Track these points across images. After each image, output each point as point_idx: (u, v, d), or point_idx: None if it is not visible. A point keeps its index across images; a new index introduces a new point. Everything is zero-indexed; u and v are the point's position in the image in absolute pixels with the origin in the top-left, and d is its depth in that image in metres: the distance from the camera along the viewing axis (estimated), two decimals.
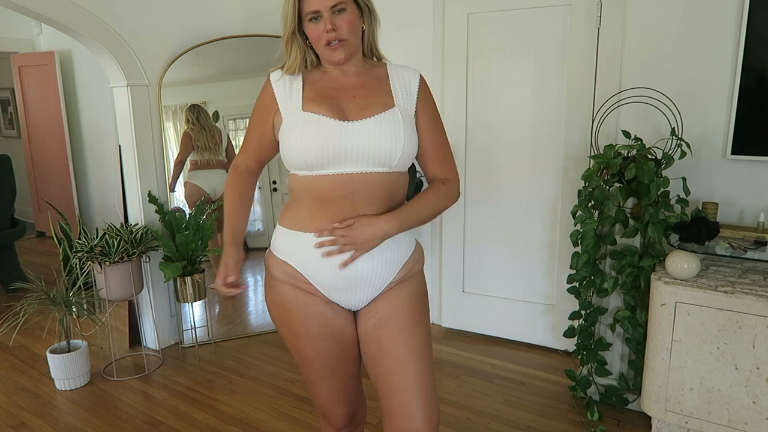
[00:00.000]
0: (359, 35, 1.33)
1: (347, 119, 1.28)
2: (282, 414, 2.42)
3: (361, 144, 1.26)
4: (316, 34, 1.28)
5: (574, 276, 2.38)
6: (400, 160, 1.29)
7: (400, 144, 1.28)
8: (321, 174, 1.28)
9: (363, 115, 1.29)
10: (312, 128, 1.27)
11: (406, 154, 1.30)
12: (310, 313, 1.36)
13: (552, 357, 2.90)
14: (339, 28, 1.27)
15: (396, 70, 1.38)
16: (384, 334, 1.34)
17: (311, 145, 1.26)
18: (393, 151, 1.28)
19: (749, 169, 2.29)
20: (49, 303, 2.59)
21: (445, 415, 2.39)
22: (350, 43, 1.30)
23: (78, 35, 2.64)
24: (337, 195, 1.28)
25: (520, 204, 2.90)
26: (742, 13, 2.17)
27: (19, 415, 2.46)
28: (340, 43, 1.28)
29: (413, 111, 1.35)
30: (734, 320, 1.90)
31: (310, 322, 1.36)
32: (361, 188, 1.28)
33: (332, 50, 1.29)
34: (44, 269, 4.44)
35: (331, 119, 1.27)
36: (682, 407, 2.05)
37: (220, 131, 3.25)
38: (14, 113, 5.99)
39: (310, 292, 1.35)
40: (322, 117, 1.27)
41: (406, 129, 1.30)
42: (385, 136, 1.27)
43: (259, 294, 3.55)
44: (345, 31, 1.27)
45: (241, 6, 3.20)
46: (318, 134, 1.26)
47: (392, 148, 1.27)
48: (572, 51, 2.63)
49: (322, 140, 1.25)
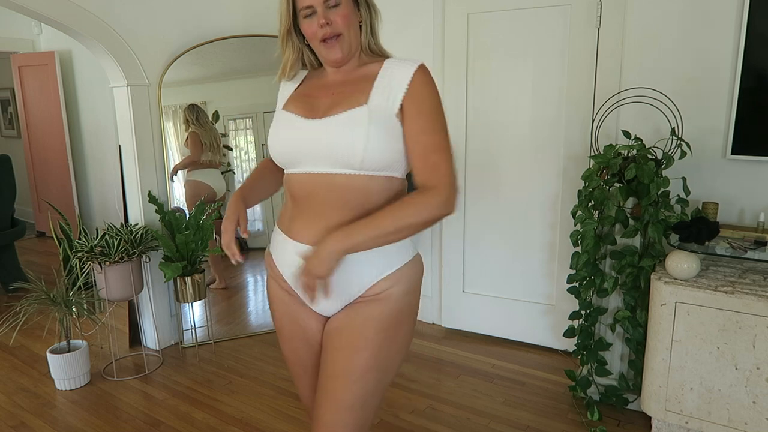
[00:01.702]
0: (356, 30, 1.26)
1: (314, 117, 1.23)
2: (282, 414, 2.42)
3: (320, 142, 1.20)
4: (311, 31, 1.24)
5: (574, 276, 2.38)
6: (365, 162, 1.18)
7: (359, 144, 1.16)
8: (291, 172, 1.28)
9: (328, 113, 1.22)
10: (282, 126, 1.28)
11: (371, 156, 1.17)
12: (284, 311, 1.37)
13: (552, 357, 2.90)
14: (334, 23, 1.21)
15: (392, 65, 1.25)
16: (328, 345, 1.29)
17: (279, 142, 1.27)
18: (351, 152, 1.17)
19: (749, 169, 2.29)
20: (49, 303, 2.59)
21: (445, 415, 2.39)
22: (346, 39, 1.23)
23: (78, 35, 2.64)
24: (304, 195, 1.25)
25: (520, 204, 2.90)
26: (742, 13, 2.17)
27: (19, 415, 2.46)
28: (336, 39, 1.23)
29: (395, 108, 1.20)
30: (734, 320, 1.90)
31: (285, 320, 1.37)
32: (321, 190, 1.22)
33: (328, 48, 1.24)
34: (44, 269, 4.44)
35: (299, 117, 1.25)
36: (682, 407, 2.05)
37: (218, 131, 3.26)
38: (14, 113, 5.99)
39: (287, 291, 1.35)
40: (293, 115, 1.27)
41: (371, 129, 1.17)
42: (343, 135, 1.18)
43: (259, 294, 3.55)
44: (340, 26, 1.22)
45: (241, 6, 3.20)
46: (285, 132, 1.27)
47: (350, 148, 1.17)
48: (572, 51, 2.63)
49: (288, 137, 1.25)
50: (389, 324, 1.25)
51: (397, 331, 1.28)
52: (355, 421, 1.25)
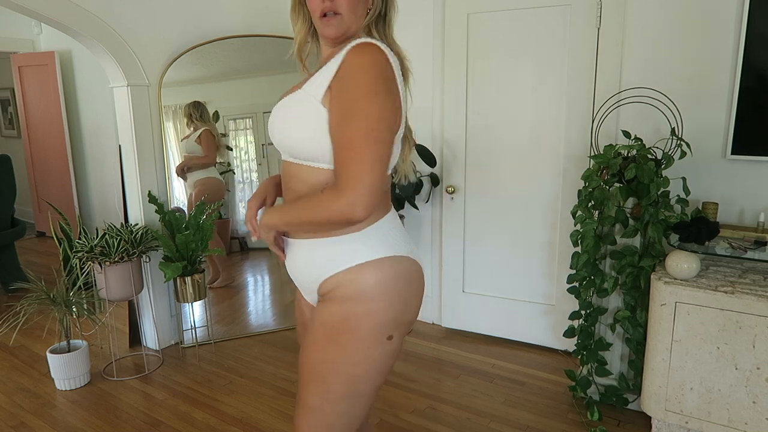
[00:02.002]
0: (360, 14, 1.17)
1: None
2: (282, 414, 2.42)
3: (270, 127, 1.21)
4: (314, 5, 1.16)
5: (574, 276, 2.38)
6: (293, 149, 1.14)
7: (286, 132, 1.14)
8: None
9: (282, 98, 1.20)
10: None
11: (296, 144, 1.12)
12: (296, 298, 1.39)
13: (552, 357, 2.90)
14: (336, 1, 1.13)
15: (348, 46, 1.10)
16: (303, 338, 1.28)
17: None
18: (282, 139, 1.15)
19: (749, 169, 2.29)
20: (49, 303, 2.59)
21: (445, 414, 2.39)
22: (345, 20, 1.15)
23: (78, 35, 2.64)
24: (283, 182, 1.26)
25: (520, 204, 2.90)
26: (742, 13, 2.17)
27: (19, 415, 2.46)
28: (335, 16, 1.14)
29: (320, 94, 1.09)
30: (734, 320, 1.90)
31: (296, 306, 1.41)
32: (284, 177, 1.23)
33: (325, 24, 1.16)
34: (44, 269, 4.44)
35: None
36: (682, 407, 2.05)
37: (218, 130, 3.27)
38: (14, 113, 5.99)
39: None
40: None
41: (295, 115, 1.12)
42: (275, 121, 1.17)
43: (259, 294, 3.55)
44: (343, 6, 1.13)
45: (241, 6, 3.20)
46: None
47: (280, 135, 1.15)
48: (572, 51, 2.63)
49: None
50: (335, 330, 1.14)
51: (349, 341, 1.13)
52: (312, 421, 1.19)
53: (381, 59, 1.06)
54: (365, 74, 1.04)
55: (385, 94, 1.05)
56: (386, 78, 1.06)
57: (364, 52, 1.06)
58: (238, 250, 3.48)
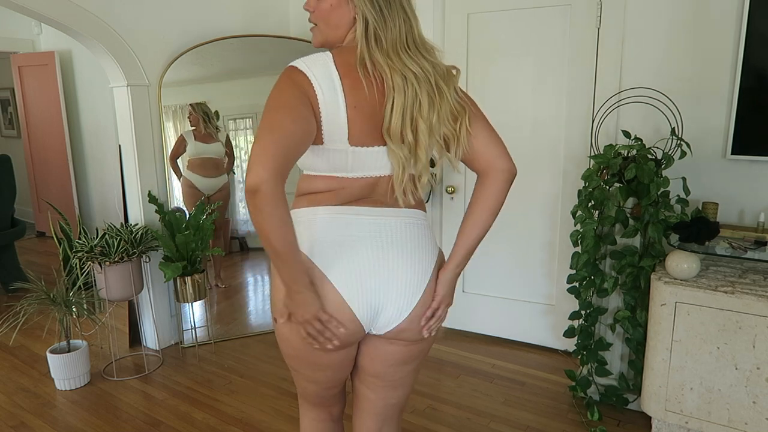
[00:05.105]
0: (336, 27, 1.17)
1: None
2: (282, 414, 2.42)
3: None
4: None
5: (574, 276, 2.38)
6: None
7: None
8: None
9: None
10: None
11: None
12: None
13: (552, 357, 2.90)
14: (316, 10, 1.17)
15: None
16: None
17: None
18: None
19: (749, 169, 2.29)
20: (49, 303, 2.59)
21: (445, 415, 2.39)
22: (322, 31, 1.20)
23: (78, 35, 2.64)
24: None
25: (520, 204, 2.90)
26: (742, 13, 2.17)
27: (19, 415, 2.46)
28: (315, 27, 1.21)
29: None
30: (734, 320, 1.90)
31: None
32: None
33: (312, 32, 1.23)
34: (44, 269, 4.44)
35: None
36: (682, 407, 2.05)
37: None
38: (14, 113, 5.99)
39: None
40: None
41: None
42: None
43: (258, 294, 3.55)
44: (316, 17, 1.19)
45: (241, 6, 3.20)
46: None
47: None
48: (572, 51, 2.63)
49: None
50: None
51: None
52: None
53: (284, 78, 1.10)
54: (276, 85, 1.09)
55: (278, 92, 1.08)
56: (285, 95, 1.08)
57: (284, 71, 1.11)
58: (238, 250, 3.48)
